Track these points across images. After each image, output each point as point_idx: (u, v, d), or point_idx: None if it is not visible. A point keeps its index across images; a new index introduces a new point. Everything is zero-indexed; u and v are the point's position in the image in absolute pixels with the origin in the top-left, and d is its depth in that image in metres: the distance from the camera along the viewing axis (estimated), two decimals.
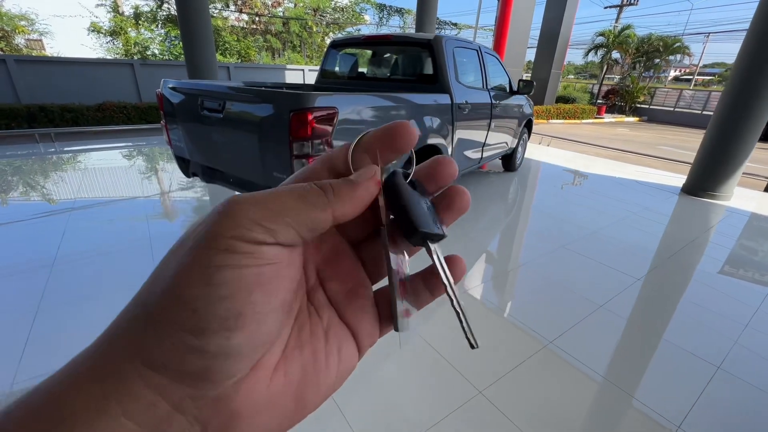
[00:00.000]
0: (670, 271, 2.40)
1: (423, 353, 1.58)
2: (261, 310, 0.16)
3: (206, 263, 0.15)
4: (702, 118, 15.77)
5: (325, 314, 0.21)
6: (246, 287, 0.16)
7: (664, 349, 1.69)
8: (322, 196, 0.18)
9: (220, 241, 0.15)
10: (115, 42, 12.12)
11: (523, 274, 2.26)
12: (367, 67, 3.33)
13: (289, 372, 0.19)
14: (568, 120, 14.04)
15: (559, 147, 7.40)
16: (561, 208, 3.47)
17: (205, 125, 1.98)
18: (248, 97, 1.72)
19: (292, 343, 0.19)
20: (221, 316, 0.15)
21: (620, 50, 18.09)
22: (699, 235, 3.03)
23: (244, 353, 0.16)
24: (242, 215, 0.16)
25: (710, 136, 3.84)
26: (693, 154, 4.23)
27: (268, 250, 0.16)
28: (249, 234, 0.16)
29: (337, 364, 0.21)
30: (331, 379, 0.21)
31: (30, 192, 3.37)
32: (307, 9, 16.06)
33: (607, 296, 2.06)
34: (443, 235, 0.22)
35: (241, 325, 0.15)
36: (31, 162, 4.31)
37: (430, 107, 2.40)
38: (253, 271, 0.16)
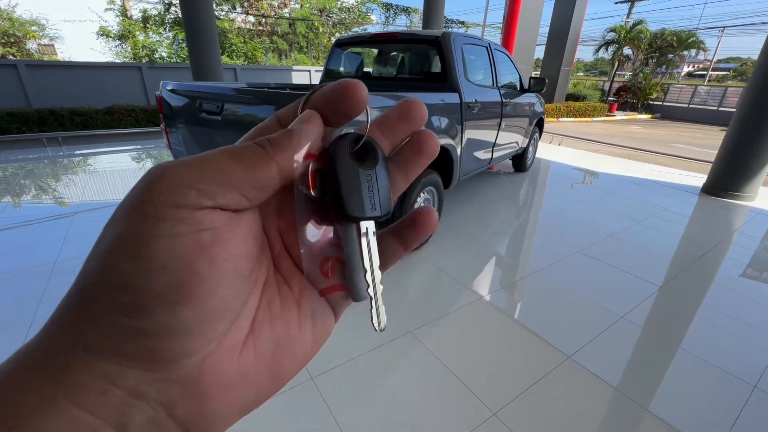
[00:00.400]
0: (694, 278, 2.26)
1: (430, 368, 1.48)
2: (209, 278, 0.15)
3: (135, 234, 0.14)
4: (718, 114, 15.33)
5: (295, 282, 0.21)
6: (184, 256, 0.14)
7: (693, 365, 1.56)
8: (261, 152, 0.17)
9: (147, 208, 0.14)
10: (124, 46, 12.24)
11: (536, 282, 2.14)
12: (373, 66, 3.23)
13: (260, 346, 0.18)
14: (578, 118, 13.77)
15: (571, 146, 7.22)
16: (575, 210, 3.34)
17: (203, 128, 1.91)
18: (246, 99, 1.65)
19: (260, 317, 0.18)
20: (159, 291, 0.14)
21: (632, 46, 17.69)
22: (723, 238, 2.87)
23: (196, 328, 0.15)
24: (172, 179, 0.15)
25: (733, 134, 3.66)
26: (709, 151, 4.06)
27: (207, 214, 0.15)
28: (181, 199, 0.14)
29: (311, 331, 0.20)
30: (307, 346, 0.20)
31: (34, 196, 3.35)
32: (313, 9, 16.05)
33: (627, 306, 1.94)
34: (380, 215, 0.20)
35: (185, 297, 0.14)
36: (42, 166, 4.31)
37: (438, 107, 2.30)
38: (190, 238, 0.14)
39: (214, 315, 0.16)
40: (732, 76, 48.34)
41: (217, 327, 0.16)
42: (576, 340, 1.66)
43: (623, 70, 21.50)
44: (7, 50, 11.05)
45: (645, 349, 1.66)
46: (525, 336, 1.70)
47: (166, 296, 0.14)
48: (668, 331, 1.78)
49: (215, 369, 0.16)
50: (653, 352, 1.64)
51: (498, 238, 2.74)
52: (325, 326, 0.21)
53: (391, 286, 2.03)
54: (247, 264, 0.17)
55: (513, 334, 1.71)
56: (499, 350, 1.61)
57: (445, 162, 2.55)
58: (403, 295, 2.00)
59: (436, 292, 2.04)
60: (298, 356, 0.20)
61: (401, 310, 1.84)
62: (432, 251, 2.43)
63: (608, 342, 1.67)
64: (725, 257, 2.57)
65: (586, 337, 1.69)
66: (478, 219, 3.05)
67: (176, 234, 0.14)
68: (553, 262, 2.36)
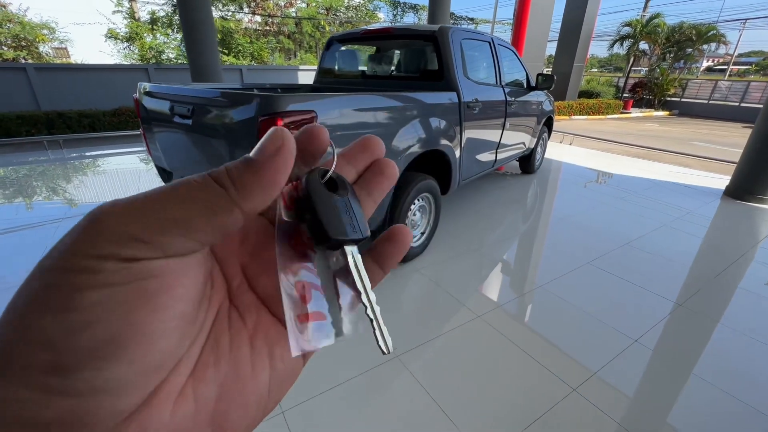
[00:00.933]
0: (717, 294, 2.04)
1: (416, 403, 1.31)
2: (147, 330, 0.13)
3: (63, 284, 0.13)
4: (740, 110, 14.69)
5: (251, 317, 0.19)
6: (121, 308, 0.13)
7: (720, 402, 1.36)
8: (222, 194, 0.15)
9: (78, 261, 0.13)
10: (132, 47, 12.32)
11: (542, 298, 1.95)
12: (367, 64, 3.07)
13: (200, 394, 0.16)
14: (591, 116, 13.35)
15: (583, 145, 6.93)
16: (586, 215, 3.12)
17: (177, 133, 1.78)
18: (216, 102, 1.50)
19: (204, 360, 0.16)
20: (86, 347, 0.12)
21: (648, 40, 17.09)
22: (749, 248, 2.63)
23: (129, 385, 0.13)
24: (112, 228, 0.13)
25: (759, 133, 3.38)
26: (730, 149, 3.78)
27: (151, 263, 0.14)
28: (121, 251, 0.13)
29: (268, 371, 0.18)
30: (261, 390, 0.18)
31: (28, 199, 3.29)
32: (319, 8, 15.95)
33: (642, 327, 1.74)
34: (362, 238, 0.20)
35: (116, 352, 0.13)
36: (42, 169, 4.27)
37: (434, 107, 2.13)
38: (131, 287, 0.13)
39: (152, 368, 0.14)
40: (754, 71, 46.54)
41: (154, 380, 0.14)
42: (583, 369, 1.48)
43: (639, 65, 20.82)
44: (18, 53, 11.23)
45: (660, 380, 1.46)
46: (525, 364, 1.51)
47: (96, 352, 0.12)
48: (687, 357, 1.58)
49: (143, 427, 0.14)
50: (670, 383, 1.44)
51: (500, 248, 2.55)
52: (287, 368, 0.19)
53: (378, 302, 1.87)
54: (195, 307, 0.16)
55: (512, 361, 1.53)
56: (496, 381, 1.43)
57: (443, 166, 2.37)
58: (390, 312, 1.83)
59: (428, 310, 1.87)
60: (249, 403, 0.17)
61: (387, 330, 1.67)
62: (427, 262, 2.26)
63: (620, 370, 1.48)
64: (752, 270, 2.33)
65: (595, 365, 1.50)
66: (480, 225, 2.86)
67: (114, 284, 0.13)
68: (561, 275, 2.16)
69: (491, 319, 1.78)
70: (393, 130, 1.84)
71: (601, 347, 1.61)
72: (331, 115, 1.49)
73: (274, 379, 0.18)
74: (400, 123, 1.88)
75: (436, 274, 2.15)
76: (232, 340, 0.18)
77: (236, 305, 0.19)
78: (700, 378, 1.46)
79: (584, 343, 1.64)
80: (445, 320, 1.76)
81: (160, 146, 2.01)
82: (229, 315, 0.18)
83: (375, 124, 1.75)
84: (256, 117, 1.32)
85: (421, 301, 1.94)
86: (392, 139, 1.84)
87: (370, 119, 1.72)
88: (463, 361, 1.52)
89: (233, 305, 0.19)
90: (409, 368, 1.46)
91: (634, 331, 1.71)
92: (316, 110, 1.41)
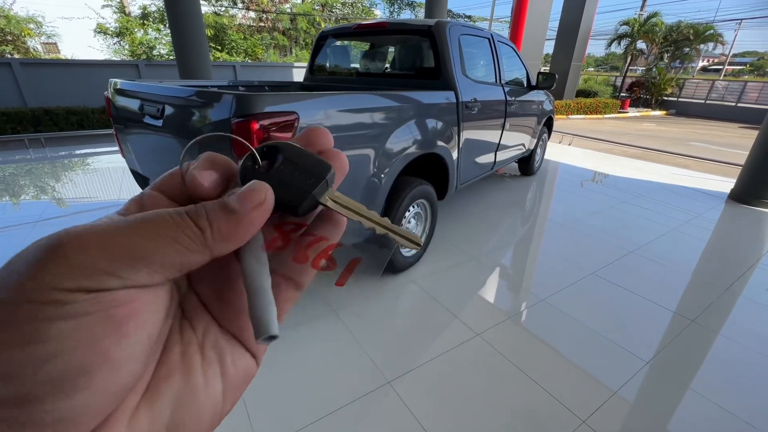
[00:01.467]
0: (730, 307, 1.92)
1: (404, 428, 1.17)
2: (116, 356, 0.13)
3: (25, 318, 0.12)
4: (737, 110, 14.66)
5: (200, 324, 0.18)
6: (88, 337, 0.13)
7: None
8: (199, 237, 0.15)
9: (44, 293, 0.12)
10: (122, 43, 12.03)
11: (545, 314, 1.82)
12: (360, 61, 2.92)
13: (155, 409, 0.15)
14: (589, 115, 13.26)
15: (582, 146, 6.82)
16: (588, 220, 2.99)
17: (149, 135, 1.62)
18: (187, 101, 1.34)
19: (157, 375, 0.16)
20: (53, 378, 0.12)
21: (646, 40, 17.02)
22: (761, 255, 2.51)
23: (91, 411, 0.13)
24: (80, 260, 0.13)
25: (766, 136, 3.26)
26: (729, 150, 3.67)
27: (118, 292, 0.14)
28: (89, 283, 0.13)
29: (220, 378, 0.18)
30: (214, 399, 0.17)
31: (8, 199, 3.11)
32: (315, 4, 15.71)
33: (652, 346, 1.61)
34: (321, 180, 0.20)
35: (83, 381, 0.13)
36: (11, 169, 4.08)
37: (431, 107, 1.98)
38: (98, 317, 0.13)
39: (117, 392, 0.14)
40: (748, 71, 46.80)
41: (116, 403, 0.14)
42: (592, 397, 1.34)
43: (635, 65, 20.77)
44: (3, 48, 10.92)
45: (679, 409, 1.33)
46: (529, 390, 1.38)
47: (62, 383, 0.12)
48: (705, 381, 1.45)
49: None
50: (688, 413, 1.31)
51: (500, 256, 2.41)
52: (238, 370, 0.19)
53: (365, 319, 1.73)
54: (159, 329, 0.16)
55: (515, 387, 1.39)
56: (498, 411, 1.29)
57: (439, 170, 2.23)
58: (380, 329, 1.69)
59: (423, 327, 1.72)
60: (203, 412, 0.17)
61: (376, 349, 1.53)
62: (422, 272, 2.11)
63: (632, 397, 1.35)
64: (765, 280, 2.21)
65: (605, 392, 1.36)
66: (478, 231, 2.72)
67: (82, 314, 0.13)
68: (564, 286, 2.03)
69: (491, 337, 1.64)
70: (385, 132, 1.69)
71: (611, 371, 1.48)
72: (315, 117, 1.34)
73: (227, 384, 0.18)
74: (394, 124, 1.73)
75: (432, 285, 2.01)
76: (184, 351, 0.17)
77: (184, 312, 0.18)
78: (743, 419, 1.33)
79: (592, 366, 1.51)
80: (442, 339, 1.62)
81: (132, 148, 1.85)
82: (181, 325, 0.18)
83: (365, 125, 1.60)
84: (229, 119, 1.17)
85: (416, 317, 1.80)
86: (385, 141, 1.69)
87: (359, 120, 1.57)
88: (461, 387, 1.38)
89: (184, 315, 0.18)
90: (401, 395, 1.32)
91: (646, 352, 1.58)
92: (298, 111, 1.26)
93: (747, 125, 13.10)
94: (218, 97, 1.20)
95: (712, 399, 1.36)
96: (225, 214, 0.16)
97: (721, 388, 1.41)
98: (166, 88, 1.43)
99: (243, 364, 0.19)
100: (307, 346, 1.55)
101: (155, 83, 1.57)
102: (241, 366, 0.19)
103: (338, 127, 1.46)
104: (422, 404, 1.30)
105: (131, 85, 1.67)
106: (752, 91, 15.17)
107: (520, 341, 1.65)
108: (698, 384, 1.43)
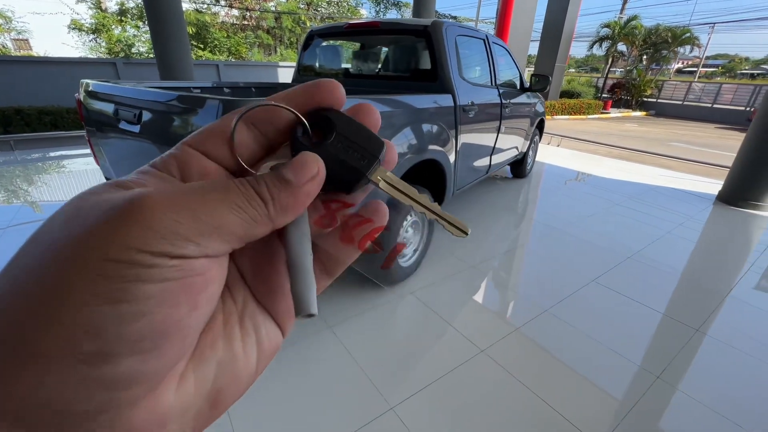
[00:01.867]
0: (733, 316, 1.90)
1: None
2: (185, 325, 0.14)
3: (114, 276, 0.12)
4: (713, 111, 15.16)
5: (239, 295, 0.19)
6: (169, 302, 0.13)
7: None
8: (262, 209, 0.16)
9: (131, 254, 0.12)
10: (98, 40, 11.55)
11: (549, 326, 1.75)
12: (352, 62, 2.81)
13: (200, 373, 0.16)
14: (573, 116, 13.47)
15: (570, 147, 6.87)
16: (584, 224, 2.96)
17: (125, 141, 1.48)
18: (168, 106, 1.22)
19: (204, 341, 0.17)
20: (133, 339, 0.13)
21: (626, 42, 17.43)
22: (755, 258, 2.52)
23: (157, 374, 0.14)
24: (163, 223, 0.13)
25: (755, 137, 3.31)
26: (708, 151, 3.71)
27: (196, 261, 0.14)
28: (172, 249, 0.13)
29: (255, 348, 0.18)
30: (250, 367, 0.18)
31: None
32: (300, 3, 15.46)
33: (662, 358, 1.57)
34: (375, 159, 0.20)
35: (161, 345, 0.13)
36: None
37: (428, 111, 1.89)
38: (178, 284, 0.13)
39: (177, 359, 0.14)
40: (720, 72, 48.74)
41: (172, 368, 0.14)
42: (606, 417, 1.28)
43: (615, 66, 21.26)
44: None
45: (695, 427, 1.28)
46: (544, 415, 1.30)
47: (140, 344, 0.13)
48: (718, 395, 1.40)
49: (148, 409, 0.14)
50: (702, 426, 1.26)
51: (498, 264, 2.35)
52: (271, 342, 0.19)
53: (363, 335, 1.63)
54: (218, 300, 0.17)
55: (527, 410, 1.32)
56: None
57: (436, 176, 2.14)
58: (380, 346, 1.59)
59: (425, 343, 1.63)
60: (241, 378, 0.18)
61: (376, 370, 1.43)
62: (421, 282, 2.02)
63: (647, 418, 1.29)
64: (764, 283, 2.21)
65: (619, 411, 1.30)
66: (474, 237, 2.65)
67: (166, 279, 0.13)
68: (566, 296, 1.98)
69: (497, 354, 1.56)
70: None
71: (622, 387, 1.43)
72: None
73: (260, 354, 0.19)
74: (390, 131, 1.63)
75: (432, 297, 1.92)
76: (225, 320, 0.18)
77: (228, 285, 0.18)
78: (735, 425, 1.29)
79: (603, 382, 1.45)
80: (446, 356, 1.54)
81: (106, 155, 1.70)
82: (222, 295, 0.18)
83: None
84: None
85: (417, 332, 1.71)
86: None
87: None
88: (469, 411, 1.29)
89: (226, 285, 0.18)
90: (406, 424, 1.23)
91: (655, 365, 1.53)
92: None
93: (723, 125, 13.55)
94: (202, 102, 1.08)
95: (722, 411, 1.32)
96: (283, 186, 0.16)
97: (745, 402, 1.37)
98: (144, 92, 1.29)
99: (274, 336, 0.20)
100: (302, 368, 1.44)
101: (131, 86, 1.43)
102: (273, 338, 0.19)
103: None
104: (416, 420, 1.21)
105: (105, 87, 1.52)
106: (727, 92, 15.71)
107: (528, 357, 1.57)
108: (713, 398, 1.38)
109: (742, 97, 15.04)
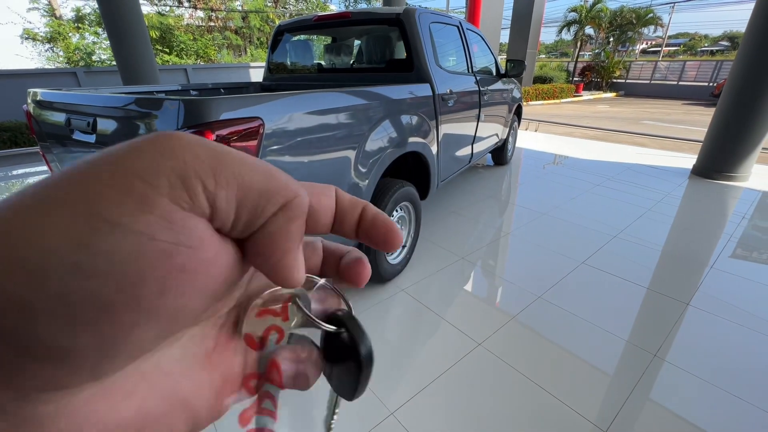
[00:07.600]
0: (720, 285, 1.92)
1: None
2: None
3: None
4: (679, 88, 15.67)
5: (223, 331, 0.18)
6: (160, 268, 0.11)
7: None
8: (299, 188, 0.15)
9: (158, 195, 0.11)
10: (55, 49, 10.95)
11: (545, 313, 1.73)
12: (324, 56, 2.71)
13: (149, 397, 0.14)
14: (547, 100, 13.68)
15: (547, 131, 6.94)
16: (568, 207, 2.97)
17: (80, 153, 1.36)
18: (124, 111, 1.11)
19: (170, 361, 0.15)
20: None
21: (593, 25, 17.79)
22: (734, 228, 2.58)
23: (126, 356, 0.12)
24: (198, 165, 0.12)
25: (724, 110, 3.39)
26: (678, 127, 3.80)
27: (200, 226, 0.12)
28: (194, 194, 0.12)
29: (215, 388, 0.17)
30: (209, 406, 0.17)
31: None
32: (267, 1, 15.07)
33: (658, 337, 1.57)
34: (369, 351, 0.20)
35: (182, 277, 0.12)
36: None
37: (407, 102, 1.83)
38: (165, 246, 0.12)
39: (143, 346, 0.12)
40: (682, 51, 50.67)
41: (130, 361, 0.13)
42: (611, 403, 1.26)
43: (584, 50, 21.70)
44: None
45: (696, 402, 1.27)
46: (549, 406, 1.27)
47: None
48: (716, 367, 1.41)
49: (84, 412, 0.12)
50: (707, 405, 1.26)
51: (487, 252, 2.32)
52: None
53: None
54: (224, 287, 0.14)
55: (532, 403, 1.29)
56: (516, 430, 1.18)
57: (420, 168, 2.09)
58: (374, 348, 1.53)
59: (420, 341, 1.59)
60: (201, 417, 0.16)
61: (372, 373, 1.38)
62: (411, 278, 1.98)
63: (648, 394, 1.28)
64: (744, 249, 2.26)
65: (622, 393, 1.29)
66: (461, 228, 2.62)
67: None
68: (558, 280, 1.96)
69: (494, 346, 1.53)
70: (362, 133, 1.52)
71: (623, 368, 1.42)
72: (281, 121, 1.15)
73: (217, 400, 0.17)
74: (370, 124, 1.56)
75: (423, 293, 1.87)
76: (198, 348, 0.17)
77: None
78: (738, 398, 1.29)
79: (604, 364, 1.43)
80: (443, 353, 1.49)
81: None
82: None
83: (338, 127, 1.42)
84: (183, 128, 0.96)
85: (412, 331, 1.66)
86: (364, 143, 1.53)
87: (333, 122, 1.39)
88: (472, 409, 1.25)
89: None
90: (408, 429, 1.18)
91: (651, 344, 1.53)
92: (262, 116, 1.06)
93: (689, 101, 14.01)
94: (159, 104, 0.98)
95: (734, 392, 1.32)
96: None
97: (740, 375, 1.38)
98: (96, 97, 1.18)
99: None
100: None
101: (83, 92, 1.31)
102: None
103: (308, 130, 1.27)
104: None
105: (55, 95, 1.39)
106: (691, 69, 16.26)
107: (526, 347, 1.54)
108: (708, 371, 1.39)
109: (705, 73, 15.60)
